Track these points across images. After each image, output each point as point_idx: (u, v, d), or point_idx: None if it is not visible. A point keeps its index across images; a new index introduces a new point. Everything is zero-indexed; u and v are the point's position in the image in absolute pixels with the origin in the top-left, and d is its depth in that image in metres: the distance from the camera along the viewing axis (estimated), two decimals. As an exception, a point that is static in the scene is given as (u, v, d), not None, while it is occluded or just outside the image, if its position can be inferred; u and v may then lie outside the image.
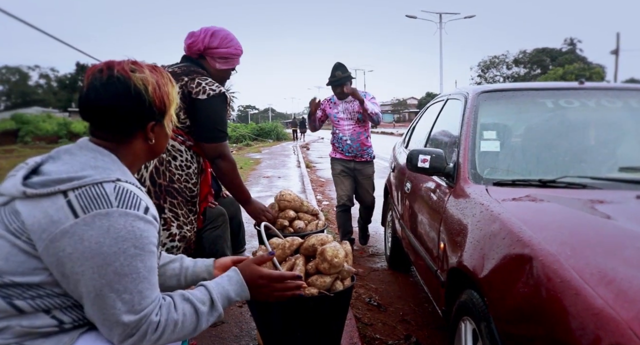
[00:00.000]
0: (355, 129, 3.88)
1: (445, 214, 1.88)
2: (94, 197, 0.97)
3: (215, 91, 1.99)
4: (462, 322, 1.54)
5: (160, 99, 1.12)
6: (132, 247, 0.97)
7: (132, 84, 1.06)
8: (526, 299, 1.12)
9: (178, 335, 1.08)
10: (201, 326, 1.12)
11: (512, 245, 1.27)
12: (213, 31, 2.11)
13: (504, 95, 2.37)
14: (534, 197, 1.61)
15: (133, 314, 0.99)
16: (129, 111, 1.08)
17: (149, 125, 1.12)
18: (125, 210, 0.98)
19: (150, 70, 1.13)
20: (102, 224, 0.95)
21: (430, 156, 2.00)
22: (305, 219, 2.47)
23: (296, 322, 1.69)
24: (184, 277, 1.39)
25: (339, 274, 1.69)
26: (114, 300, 0.97)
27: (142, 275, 0.99)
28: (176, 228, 1.98)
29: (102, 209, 0.96)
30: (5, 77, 63.21)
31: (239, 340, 2.33)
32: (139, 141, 1.13)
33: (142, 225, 1.00)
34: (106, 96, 1.05)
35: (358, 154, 3.92)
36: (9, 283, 0.96)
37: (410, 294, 3.13)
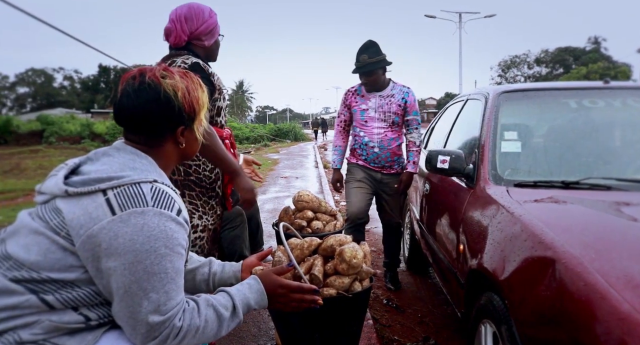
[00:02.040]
0: (388, 135, 2.96)
1: (465, 215, 1.86)
2: (131, 196, 1.01)
3: (186, 64, 1.91)
4: (482, 324, 1.52)
5: (189, 104, 1.15)
6: (163, 247, 1.00)
7: (162, 90, 1.10)
8: (549, 303, 1.10)
9: (198, 340, 1.09)
10: (221, 332, 1.13)
11: (534, 248, 1.25)
12: (184, 15, 2.01)
13: (525, 95, 2.33)
14: (556, 198, 1.58)
15: (159, 314, 1.00)
16: (159, 116, 1.11)
17: (179, 129, 1.15)
18: (160, 210, 1.02)
19: (181, 76, 1.16)
20: (137, 221, 0.99)
21: (450, 157, 1.98)
22: (323, 220, 2.47)
23: (314, 323, 1.69)
24: (212, 282, 1.43)
25: (358, 274, 1.69)
26: (141, 298, 0.99)
27: (170, 275, 1.01)
28: (197, 219, 2.00)
29: (138, 208, 1.00)
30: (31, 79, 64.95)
31: (257, 339, 2.35)
32: (170, 145, 1.17)
33: (174, 226, 1.03)
34: (138, 102, 1.09)
35: (386, 165, 3.04)
36: (45, 279, 0.99)
37: (428, 295, 3.11)
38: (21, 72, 63.60)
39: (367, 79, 2.87)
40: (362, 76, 2.88)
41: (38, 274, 0.99)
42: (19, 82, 62.65)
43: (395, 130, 2.99)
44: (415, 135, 3.00)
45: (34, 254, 0.99)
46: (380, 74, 2.87)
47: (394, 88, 2.96)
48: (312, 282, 1.65)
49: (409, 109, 2.95)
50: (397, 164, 3.07)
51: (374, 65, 2.80)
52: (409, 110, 2.96)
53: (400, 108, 2.92)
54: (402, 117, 2.96)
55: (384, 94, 2.93)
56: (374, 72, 2.84)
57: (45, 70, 63.91)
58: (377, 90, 2.93)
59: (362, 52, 2.84)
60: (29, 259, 0.99)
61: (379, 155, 2.99)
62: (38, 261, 0.99)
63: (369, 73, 2.84)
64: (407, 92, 2.96)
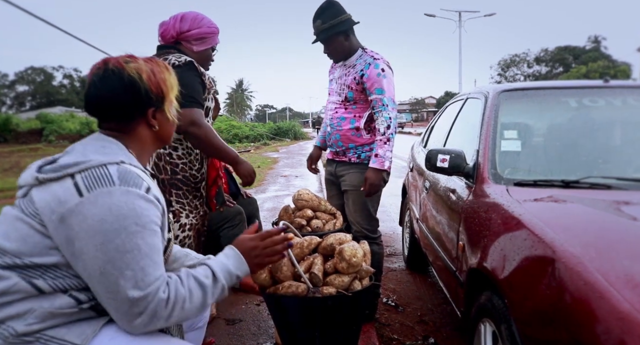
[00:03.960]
0: (339, 112, 2.47)
1: (465, 214, 1.86)
2: (98, 177, 1.02)
3: (180, 61, 1.90)
4: (482, 323, 1.52)
5: (156, 85, 1.16)
6: (133, 225, 1.00)
7: (126, 74, 1.12)
8: (548, 302, 1.10)
9: (188, 311, 1.09)
10: (207, 300, 1.13)
11: (534, 247, 1.25)
12: (182, 15, 2.06)
13: (525, 94, 2.33)
14: (556, 197, 1.58)
15: (138, 289, 0.99)
16: (126, 99, 1.13)
17: (149, 111, 1.17)
18: (127, 189, 1.02)
19: (145, 60, 1.18)
20: (105, 201, 0.99)
21: (450, 156, 1.98)
22: (323, 219, 2.47)
23: (314, 321, 1.69)
24: None
25: (357, 273, 1.69)
26: (117, 277, 0.98)
27: (143, 252, 1.01)
28: (184, 218, 2.01)
29: (105, 188, 1.01)
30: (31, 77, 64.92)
31: (257, 338, 2.35)
32: (143, 128, 1.18)
33: (143, 203, 1.03)
34: (103, 89, 1.12)
35: (339, 150, 2.53)
36: (29, 264, 1.01)
37: (428, 294, 3.11)
38: (21, 71, 63.58)
39: (326, 49, 2.43)
40: (325, 46, 2.42)
41: (21, 260, 1.01)
42: (19, 81, 62.61)
43: (351, 108, 2.43)
44: (380, 121, 2.34)
45: (14, 240, 1.01)
46: (340, 41, 2.37)
47: (360, 57, 2.42)
48: (312, 280, 1.65)
49: (369, 85, 2.33)
50: (354, 153, 2.48)
51: (329, 31, 2.33)
52: (369, 87, 2.34)
53: (355, 82, 2.36)
54: (358, 93, 2.38)
55: (348, 63, 2.44)
56: (332, 40, 2.36)
57: (45, 68, 63.89)
58: (345, 59, 2.46)
59: (316, 17, 2.36)
60: (10, 245, 1.01)
61: (331, 137, 2.53)
62: (19, 247, 1.01)
63: (326, 41, 2.39)
64: (370, 63, 2.34)
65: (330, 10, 2.34)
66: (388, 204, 6.12)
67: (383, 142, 2.33)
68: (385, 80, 2.33)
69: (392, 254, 4.10)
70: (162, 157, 1.97)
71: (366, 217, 2.50)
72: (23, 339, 0.99)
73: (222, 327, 2.47)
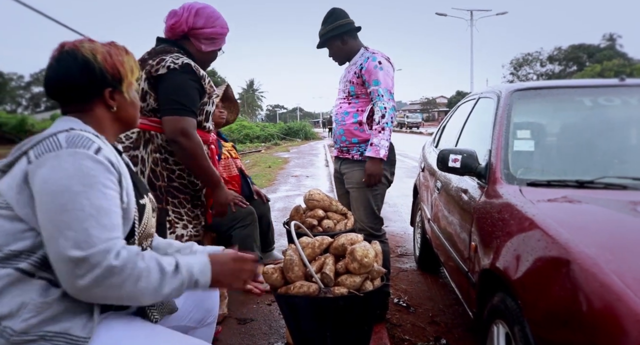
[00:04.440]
0: (342, 107, 2.54)
1: (477, 215, 1.85)
2: (47, 145, 1.03)
3: (176, 64, 1.78)
4: (495, 325, 1.51)
5: (112, 66, 1.17)
6: (78, 184, 1.00)
7: (79, 54, 1.13)
8: (563, 304, 1.09)
9: (141, 290, 1.03)
10: (163, 288, 1.07)
11: (548, 248, 1.24)
12: (197, 9, 1.92)
13: (539, 93, 2.30)
14: (570, 198, 1.56)
15: (79, 249, 0.96)
16: (79, 78, 1.13)
17: (106, 91, 1.17)
18: (74, 150, 1.02)
19: (103, 44, 1.20)
20: (51, 163, 1.00)
21: (462, 156, 1.96)
22: (334, 219, 2.47)
23: (325, 321, 1.69)
24: None
25: (369, 274, 1.69)
26: (57, 237, 0.97)
27: (87, 212, 0.99)
28: (182, 228, 1.91)
29: (52, 152, 1.02)
30: (45, 79, 65.45)
31: (268, 337, 2.35)
32: (101, 109, 1.19)
33: (91, 163, 1.02)
34: (59, 70, 1.13)
35: (343, 147, 2.58)
36: (9, 254, 1.02)
37: (439, 295, 3.09)
38: (36, 72, 64.47)
39: (330, 52, 2.56)
40: (328, 50, 2.58)
41: (1, 251, 1.02)
42: (34, 82, 63.52)
43: (354, 103, 2.49)
44: (375, 110, 2.40)
45: None
46: (339, 44, 2.51)
47: (362, 55, 2.51)
48: (323, 280, 1.65)
49: (367, 78, 2.40)
50: (357, 150, 2.51)
51: (325, 36, 2.50)
52: (368, 79, 2.40)
53: (356, 76, 2.44)
54: (359, 86, 2.45)
55: (351, 63, 2.56)
56: (329, 44, 2.53)
57: (59, 70, 64.65)
58: (348, 60, 2.57)
59: (322, 23, 2.53)
60: None
61: (336, 133, 2.60)
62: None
63: (329, 45, 2.54)
64: (368, 57, 2.44)
65: (332, 17, 2.49)
66: (399, 204, 6.10)
67: (378, 131, 2.37)
68: (381, 72, 2.39)
69: (404, 254, 4.08)
70: (159, 163, 1.87)
71: (369, 215, 2.51)
72: (25, 338, 0.97)
73: (234, 326, 2.48)
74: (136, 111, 1.29)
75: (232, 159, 3.21)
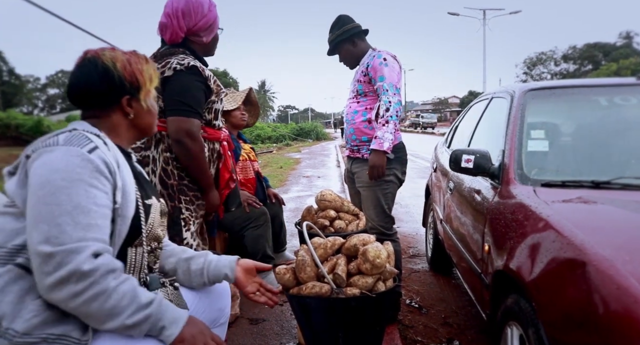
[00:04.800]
0: (352, 106, 2.58)
1: (490, 215, 1.83)
2: (46, 143, 1.06)
3: (182, 65, 1.80)
4: (508, 327, 1.50)
5: (131, 74, 1.20)
6: (60, 179, 1.00)
7: (100, 62, 1.17)
8: (578, 306, 1.07)
9: (97, 307, 0.98)
10: (125, 313, 1.01)
11: (563, 249, 1.22)
12: (182, 10, 1.86)
13: (553, 92, 2.28)
14: (586, 198, 1.54)
15: (48, 244, 0.95)
16: (99, 85, 1.17)
17: (124, 99, 1.20)
18: (67, 147, 1.05)
19: (124, 52, 1.23)
20: (43, 158, 1.03)
21: (475, 156, 1.95)
22: (346, 219, 2.47)
23: (337, 322, 1.69)
24: (207, 270, 1.41)
25: (381, 274, 1.68)
26: (32, 229, 0.97)
27: (64, 208, 0.98)
28: (194, 225, 1.96)
29: (48, 147, 1.05)
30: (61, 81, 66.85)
31: (280, 337, 2.36)
32: (118, 116, 1.22)
33: (79, 161, 1.03)
34: (80, 76, 1.18)
35: (353, 146, 2.60)
36: (12, 249, 1.04)
37: (452, 296, 3.07)
38: (51, 74, 65.55)
39: (340, 56, 2.63)
40: (338, 55, 2.64)
41: (5, 248, 1.04)
42: (50, 84, 64.58)
43: (362, 101, 2.52)
44: (380, 104, 2.41)
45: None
46: (350, 48, 2.57)
47: (369, 55, 2.54)
48: (335, 281, 1.65)
49: (373, 74, 2.44)
50: (366, 149, 2.50)
51: (337, 39, 2.55)
52: (374, 76, 2.44)
53: (363, 74, 2.49)
54: (366, 84, 2.49)
55: (359, 64, 2.60)
56: (340, 48, 2.59)
57: (74, 72, 65.61)
58: (358, 63, 2.61)
59: (330, 31, 2.60)
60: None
61: (346, 132, 2.61)
62: (1, 237, 1.05)
63: (337, 50, 2.60)
64: (373, 55, 2.48)
65: (338, 24, 2.56)
66: (411, 205, 6.07)
67: (382, 124, 2.37)
68: (386, 68, 2.42)
69: (416, 255, 4.06)
70: (170, 162, 1.89)
71: (380, 213, 2.51)
72: (28, 340, 0.96)
73: (246, 326, 2.49)
74: (153, 119, 1.31)
75: (250, 162, 3.22)
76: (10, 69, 47.30)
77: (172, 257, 1.42)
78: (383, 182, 2.46)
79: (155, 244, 1.29)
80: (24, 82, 54.41)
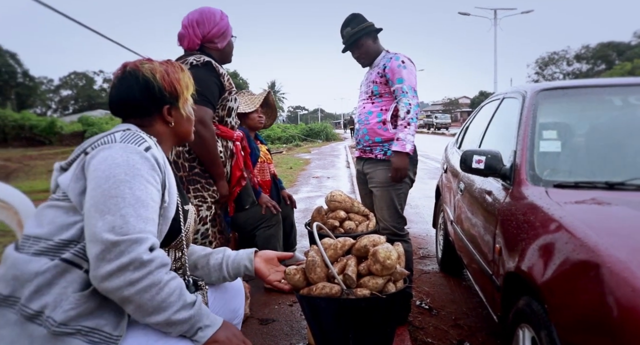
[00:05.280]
0: (366, 107, 2.57)
1: (501, 217, 1.82)
2: (104, 140, 1.13)
3: (198, 61, 1.95)
4: (520, 329, 1.48)
5: (169, 84, 1.24)
6: (122, 174, 1.05)
7: (140, 74, 1.22)
8: (592, 308, 1.06)
9: (149, 299, 1.02)
10: (172, 308, 1.05)
11: (576, 251, 1.21)
12: (196, 20, 2.06)
13: (566, 93, 2.25)
14: (600, 200, 1.52)
15: (113, 233, 0.99)
16: (142, 97, 1.22)
17: (164, 108, 1.25)
18: (125, 145, 1.10)
19: (161, 62, 1.28)
20: (103, 154, 1.08)
21: (486, 157, 1.94)
22: (356, 220, 2.46)
23: (348, 323, 1.69)
24: (226, 264, 1.45)
25: (392, 275, 1.68)
26: (96, 219, 1.01)
27: (127, 201, 1.03)
28: (206, 210, 2.05)
29: (106, 144, 1.11)
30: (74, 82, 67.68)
31: (290, 338, 2.36)
32: (160, 124, 1.27)
33: (138, 158, 1.09)
34: (122, 89, 1.23)
35: (366, 146, 2.59)
36: (59, 243, 1.07)
37: (462, 297, 3.05)
38: (64, 76, 66.39)
39: (358, 52, 2.59)
40: (354, 50, 2.59)
41: (52, 241, 1.07)
42: (63, 85, 65.40)
43: (377, 102, 2.52)
44: (400, 106, 2.42)
45: (45, 224, 1.09)
46: (369, 43, 2.56)
47: (384, 57, 2.56)
48: (345, 282, 1.65)
49: (391, 76, 2.45)
50: (380, 149, 2.53)
51: (359, 33, 2.52)
52: (391, 78, 2.45)
53: (379, 76, 2.49)
54: (382, 86, 2.50)
55: (373, 65, 2.60)
56: (362, 43, 2.54)
57: (87, 73, 66.49)
58: (372, 62, 2.61)
59: (345, 26, 2.57)
60: (42, 230, 1.09)
61: (359, 133, 2.61)
62: (50, 229, 1.08)
63: (357, 44, 2.55)
64: (391, 57, 2.50)
65: (357, 18, 2.57)
66: (421, 206, 6.05)
67: (404, 126, 2.40)
68: (405, 70, 2.45)
69: (426, 256, 4.04)
70: (181, 155, 2.02)
71: (393, 214, 2.52)
72: (64, 330, 1.01)
73: (255, 326, 2.50)
74: (191, 126, 1.36)
75: (266, 164, 3.23)
76: (25, 71, 47.98)
77: (192, 255, 1.47)
78: (397, 183, 2.48)
79: (187, 248, 1.33)
80: (38, 83, 55.15)
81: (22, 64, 47.25)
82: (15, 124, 23.96)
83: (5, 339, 1.02)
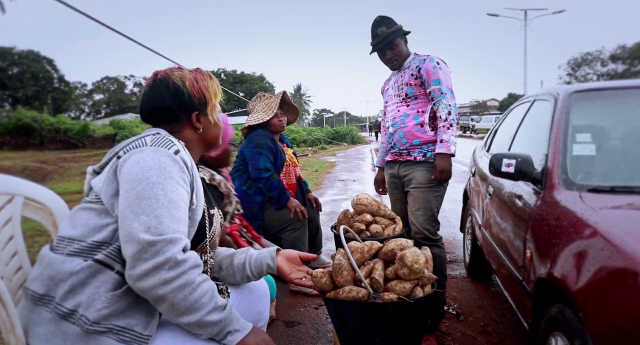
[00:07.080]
0: (401, 110, 2.53)
1: (532, 222, 1.78)
2: (135, 144, 1.16)
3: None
4: (552, 337, 1.45)
5: (198, 91, 1.27)
6: (155, 176, 1.08)
7: (171, 81, 1.26)
8: (630, 317, 1.02)
9: (182, 297, 1.04)
10: (204, 309, 1.07)
11: (612, 258, 1.17)
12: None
13: (600, 94, 2.19)
14: (637, 205, 1.47)
15: (149, 234, 1.02)
16: (172, 104, 1.25)
17: (193, 115, 1.28)
18: (156, 148, 1.14)
19: (190, 71, 1.31)
20: (135, 157, 1.11)
21: (516, 160, 1.90)
22: (382, 223, 2.45)
23: (374, 327, 1.68)
24: (249, 263, 1.47)
25: (419, 280, 1.66)
26: (132, 220, 1.04)
27: (161, 202, 1.06)
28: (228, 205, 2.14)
29: (138, 148, 1.14)
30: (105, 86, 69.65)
31: (315, 341, 2.37)
32: (189, 131, 1.30)
33: (168, 161, 1.12)
34: (153, 96, 1.26)
35: (402, 149, 2.55)
36: (92, 244, 1.10)
37: (491, 303, 2.99)
38: (97, 81, 68.44)
39: (392, 53, 2.53)
40: (387, 51, 2.53)
41: (85, 242, 1.10)
42: (95, 90, 67.42)
43: (412, 105, 2.49)
44: (440, 108, 2.41)
45: (79, 226, 1.12)
46: (403, 44, 2.54)
47: (414, 59, 2.55)
48: (372, 286, 1.64)
49: (427, 78, 2.44)
50: (419, 151, 2.50)
51: (395, 34, 2.48)
52: (427, 80, 2.44)
53: (413, 78, 2.47)
54: (417, 87, 2.47)
55: (402, 68, 2.57)
56: (397, 43, 2.51)
57: (118, 78, 68.39)
58: (401, 64, 2.57)
59: (377, 26, 2.51)
60: (76, 232, 1.12)
61: (393, 137, 2.55)
62: (83, 231, 1.11)
63: (392, 44, 2.50)
64: (424, 59, 2.48)
65: (387, 20, 2.54)
66: (448, 210, 5.96)
67: (446, 128, 2.40)
68: (441, 71, 2.45)
69: (453, 260, 3.98)
70: None
71: (429, 217, 2.49)
72: (97, 328, 1.04)
73: (281, 329, 2.51)
74: (219, 132, 1.39)
75: (292, 167, 3.24)
76: (61, 76, 49.66)
77: (217, 256, 1.49)
78: (436, 185, 2.47)
79: (212, 253, 1.35)
80: (72, 88, 56.96)
81: (59, 69, 48.94)
82: (51, 128, 24.79)
83: (40, 337, 1.06)
